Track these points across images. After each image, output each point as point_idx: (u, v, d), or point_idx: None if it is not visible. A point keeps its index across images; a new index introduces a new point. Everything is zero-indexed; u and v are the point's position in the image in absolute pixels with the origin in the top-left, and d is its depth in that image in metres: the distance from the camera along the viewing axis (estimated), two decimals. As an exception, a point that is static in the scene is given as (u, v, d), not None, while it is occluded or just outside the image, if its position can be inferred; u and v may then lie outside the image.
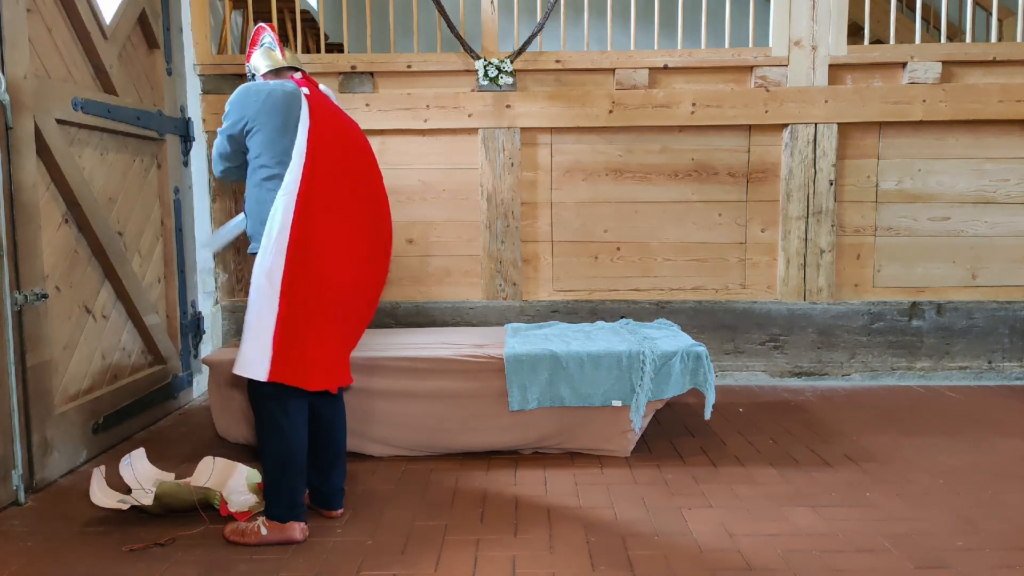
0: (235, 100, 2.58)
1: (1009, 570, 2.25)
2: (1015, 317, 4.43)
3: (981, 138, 4.37)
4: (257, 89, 2.57)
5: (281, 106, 2.52)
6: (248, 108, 2.54)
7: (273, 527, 2.45)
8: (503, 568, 2.29)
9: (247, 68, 2.84)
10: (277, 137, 2.51)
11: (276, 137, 2.51)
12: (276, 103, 2.53)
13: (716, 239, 4.49)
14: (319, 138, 2.45)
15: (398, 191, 4.48)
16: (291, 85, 2.59)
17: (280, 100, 2.53)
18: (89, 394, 3.30)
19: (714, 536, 2.49)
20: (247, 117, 2.54)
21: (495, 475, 3.07)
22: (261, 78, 2.75)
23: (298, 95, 2.55)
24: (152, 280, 3.85)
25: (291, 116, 2.51)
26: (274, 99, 2.53)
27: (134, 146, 3.69)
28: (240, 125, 2.56)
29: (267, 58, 2.76)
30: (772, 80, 4.34)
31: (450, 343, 3.47)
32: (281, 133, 2.51)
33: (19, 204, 2.82)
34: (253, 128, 2.53)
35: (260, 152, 2.53)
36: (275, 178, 2.48)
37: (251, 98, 2.55)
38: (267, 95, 2.54)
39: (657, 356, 3.19)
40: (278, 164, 2.49)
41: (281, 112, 2.52)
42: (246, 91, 2.58)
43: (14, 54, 2.80)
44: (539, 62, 4.35)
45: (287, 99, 2.54)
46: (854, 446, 3.36)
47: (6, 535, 2.55)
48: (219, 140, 2.65)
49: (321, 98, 2.58)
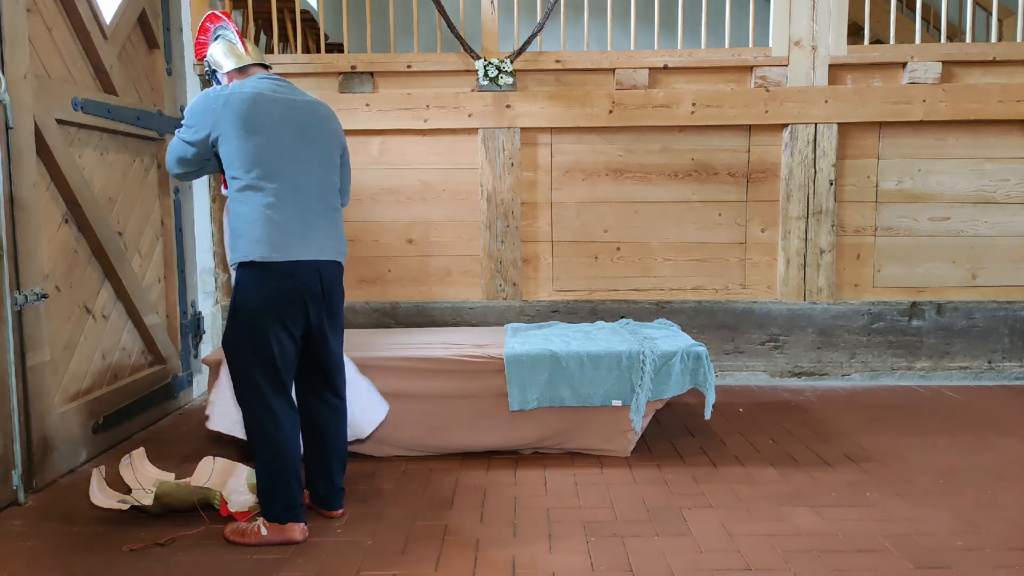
0: (196, 110, 2.43)
1: (1009, 570, 2.25)
2: (1015, 317, 4.43)
3: (981, 138, 4.37)
4: (215, 95, 2.42)
5: (242, 112, 2.37)
6: (207, 117, 2.40)
7: (273, 527, 2.45)
8: (503, 568, 2.29)
9: (206, 61, 2.69)
10: (243, 144, 2.37)
11: (242, 144, 2.37)
12: (236, 110, 2.37)
13: (716, 239, 4.49)
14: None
15: (398, 191, 4.48)
16: (249, 85, 2.44)
17: (240, 106, 2.38)
18: (89, 394, 3.30)
19: (714, 536, 2.49)
20: (208, 128, 2.40)
21: (495, 475, 3.07)
22: (224, 76, 2.62)
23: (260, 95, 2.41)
24: (152, 280, 3.85)
25: (255, 120, 2.38)
26: (233, 106, 2.38)
27: (134, 146, 3.69)
28: (203, 135, 2.42)
29: (231, 54, 2.61)
30: (772, 80, 4.34)
31: (450, 343, 3.47)
32: (245, 140, 2.37)
33: (19, 204, 2.82)
34: (219, 138, 2.40)
35: (229, 163, 2.40)
36: (248, 189, 2.38)
37: (210, 105, 2.40)
38: (224, 102, 2.39)
39: (657, 356, 3.19)
40: (246, 173, 2.38)
41: (243, 118, 2.37)
42: (205, 99, 2.43)
43: (14, 54, 2.80)
44: (539, 62, 4.35)
45: (250, 102, 2.39)
46: (854, 446, 3.36)
47: (6, 535, 2.55)
48: (177, 143, 2.48)
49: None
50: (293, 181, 2.43)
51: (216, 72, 2.68)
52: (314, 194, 2.49)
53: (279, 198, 2.40)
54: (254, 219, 2.38)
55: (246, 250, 2.39)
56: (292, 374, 2.51)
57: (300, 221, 2.43)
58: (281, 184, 2.40)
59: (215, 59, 2.66)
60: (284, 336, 2.43)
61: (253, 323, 2.40)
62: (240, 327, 2.42)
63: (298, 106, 2.50)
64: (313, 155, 2.50)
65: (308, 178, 2.47)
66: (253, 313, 2.39)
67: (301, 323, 2.46)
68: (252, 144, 2.37)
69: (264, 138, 2.39)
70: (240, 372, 2.45)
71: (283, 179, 2.41)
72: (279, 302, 2.40)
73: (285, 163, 2.42)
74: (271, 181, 2.39)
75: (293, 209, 2.42)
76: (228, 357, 2.47)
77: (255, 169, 2.38)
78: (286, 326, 2.42)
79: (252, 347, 2.41)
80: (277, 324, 2.40)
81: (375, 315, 4.46)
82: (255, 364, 2.42)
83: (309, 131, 2.50)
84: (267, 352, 2.40)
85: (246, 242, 2.39)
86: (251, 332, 2.40)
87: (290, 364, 2.48)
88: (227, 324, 2.46)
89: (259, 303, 2.39)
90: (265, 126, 2.39)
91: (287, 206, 2.41)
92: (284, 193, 2.41)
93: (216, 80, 2.70)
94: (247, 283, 2.41)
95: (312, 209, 2.47)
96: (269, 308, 2.39)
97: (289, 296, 2.41)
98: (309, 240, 2.44)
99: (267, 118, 2.40)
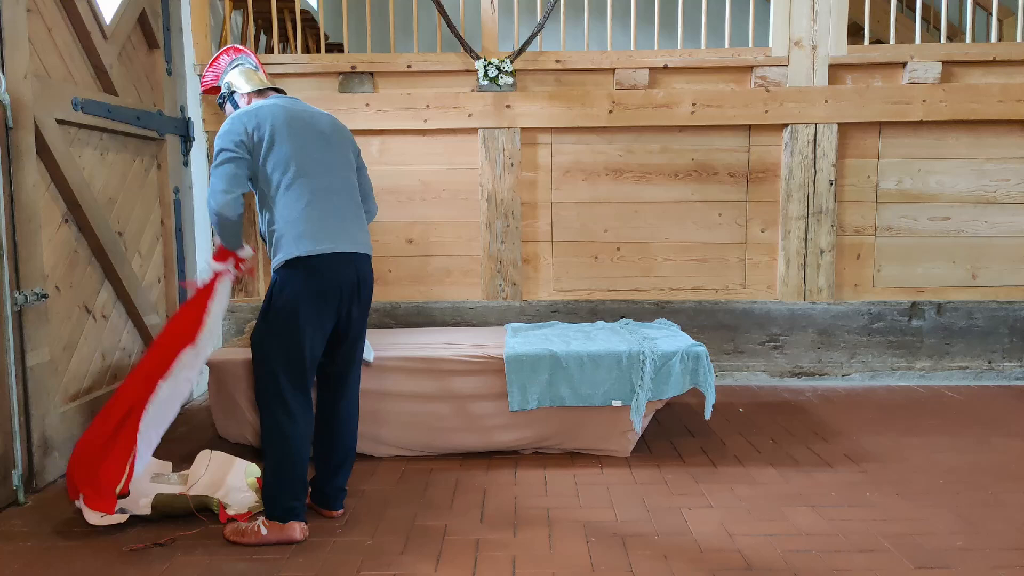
0: (230, 131, 2.49)
1: (1009, 570, 2.25)
2: (1015, 317, 4.43)
3: (981, 138, 4.37)
4: (243, 113, 2.52)
5: (273, 120, 2.49)
6: (241, 133, 2.47)
7: (273, 527, 2.45)
8: (503, 568, 2.29)
9: (222, 84, 2.77)
10: (279, 149, 2.48)
11: (278, 149, 2.48)
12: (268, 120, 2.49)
13: (716, 239, 4.49)
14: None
15: (398, 191, 4.48)
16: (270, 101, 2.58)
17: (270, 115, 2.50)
18: (89, 394, 3.30)
19: (714, 536, 2.49)
20: (247, 139, 2.48)
21: (495, 475, 3.07)
22: (243, 97, 2.72)
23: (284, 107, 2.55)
24: (152, 280, 3.86)
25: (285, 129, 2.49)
26: (263, 117, 2.49)
27: (134, 146, 3.69)
28: (244, 150, 2.47)
29: (251, 78, 2.75)
30: (772, 80, 4.34)
31: (450, 343, 3.46)
32: (280, 145, 2.48)
33: (19, 204, 2.82)
34: (256, 146, 2.48)
35: (269, 169, 2.48)
36: (287, 191, 2.47)
37: (243, 121, 2.49)
38: (255, 114, 2.50)
39: (657, 356, 3.19)
40: (283, 175, 2.48)
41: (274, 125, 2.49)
42: (234, 120, 2.51)
43: (14, 54, 2.80)
44: (539, 62, 4.35)
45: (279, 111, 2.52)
46: (854, 446, 3.36)
47: (6, 535, 2.55)
48: (220, 171, 2.48)
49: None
50: (326, 181, 2.55)
51: (234, 94, 2.76)
52: (343, 192, 2.60)
53: (316, 196, 2.50)
54: (294, 218, 2.47)
55: (289, 248, 2.45)
56: (314, 373, 2.58)
57: (336, 216, 2.54)
58: (317, 184, 2.52)
59: (235, 82, 2.77)
60: (317, 336, 2.50)
61: (288, 323, 2.45)
62: (273, 327, 2.48)
63: (316, 116, 2.65)
64: (337, 158, 2.62)
65: (337, 178, 2.59)
66: (290, 313, 2.45)
67: (334, 318, 2.53)
68: (286, 149, 2.49)
69: (296, 144, 2.51)
70: (264, 370, 2.49)
71: (317, 180, 2.53)
72: (319, 298, 2.46)
73: (316, 165, 2.54)
74: (308, 181, 2.50)
75: (328, 205, 2.53)
76: (255, 354, 2.52)
77: (291, 170, 2.48)
78: (322, 324, 2.49)
79: (283, 347, 2.46)
80: (312, 323, 2.47)
81: (375, 315, 4.46)
82: (282, 364, 2.46)
83: (331, 137, 2.63)
84: (297, 353, 2.46)
85: (288, 240, 2.46)
86: (285, 332, 2.46)
87: (315, 364, 2.55)
88: (259, 323, 2.53)
89: (298, 302, 2.44)
90: (294, 133, 2.52)
91: (323, 203, 2.51)
92: (319, 192, 2.52)
93: (233, 103, 2.78)
94: (287, 282, 2.46)
95: (344, 205, 2.58)
96: (307, 306, 2.45)
97: (329, 291, 2.48)
98: (346, 233, 2.55)
99: (295, 125, 2.53)
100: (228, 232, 2.55)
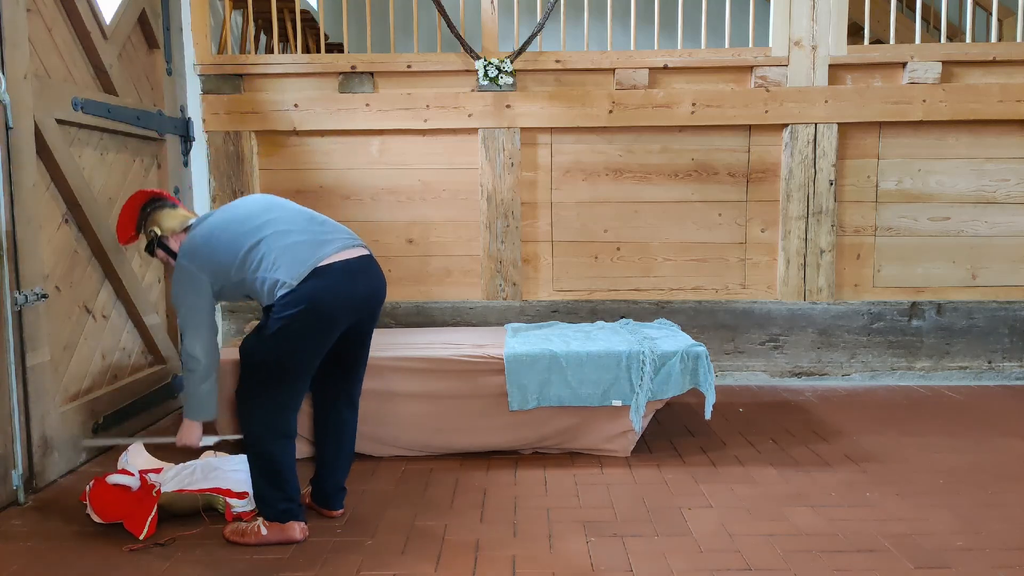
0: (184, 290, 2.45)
1: (1009, 570, 2.25)
2: (1015, 317, 4.43)
3: (981, 138, 4.37)
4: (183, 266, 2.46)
5: (210, 237, 2.47)
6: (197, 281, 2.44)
7: (273, 527, 2.45)
8: (503, 568, 2.29)
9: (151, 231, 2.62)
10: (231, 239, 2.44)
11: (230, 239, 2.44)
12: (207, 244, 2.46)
13: (716, 239, 4.49)
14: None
15: (398, 191, 4.48)
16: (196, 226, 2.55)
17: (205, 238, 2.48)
18: (89, 394, 3.30)
19: (714, 536, 2.49)
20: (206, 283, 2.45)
21: (495, 475, 3.07)
22: (173, 240, 2.61)
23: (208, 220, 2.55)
24: (152, 280, 3.86)
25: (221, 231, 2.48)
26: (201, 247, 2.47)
27: (134, 146, 3.69)
28: (206, 295, 2.46)
29: (175, 216, 2.65)
30: (772, 80, 4.34)
31: (450, 343, 3.47)
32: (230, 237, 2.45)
33: (19, 204, 2.82)
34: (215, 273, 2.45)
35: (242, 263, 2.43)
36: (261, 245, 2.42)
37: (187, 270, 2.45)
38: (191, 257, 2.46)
39: (657, 356, 3.19)
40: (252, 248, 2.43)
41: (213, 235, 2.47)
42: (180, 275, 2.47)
43: (14, 54, 2.80)
44: (539, 62, 4.35)
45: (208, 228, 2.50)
46: (854, 446, 3.36)
47: (6, 535, 2.55)
48: (196, 319, 2.46)
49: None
50: (287, 221, 2.49)
51: (163, 239, 2.62)
52: (312, 219, 2.55)
53: (287, 232, 2.44)
54: (280, 254, 2.39)
55: (287, 277, 2.35)
56: (307, 385, 2.51)
57: (317, 235, 2.47)
58: (279, 227, 2.45)
59: (165, 225, 2.62)
60: (316, 355, 2.42)
61: (290, 347, 2.36)
62: (271, 347, 2.37)
63: (249, 198, 2.62)
64: (287, 207, 2.57)
65: (298, 216, 2.54)
66: (293, 336, 2.35)
67: (340, 332, 2.45)
68: (235, 229, 2.44)
69: (239, 216, 2.49)
70: (252, 384, 2.43)
71: (277, 225, 2.46)
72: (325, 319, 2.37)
73: (270, 220, 2.47)
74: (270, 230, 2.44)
75: (305, 234, 2.46)
76: (246, 367, 2.43)
77: (253, 239, 2.42)
78: (323, 343, 2.41)
79: (280, 367, 2.38)
80: (314, 344, 2.38)
81: (375, 315, 4.46)
82: (274, 381, 2.40)
83: (272, 200, 2.60)
84: (293, 374, 2.41)
85: (285, 271, 2.36)
86: (284, 355, 2.37)
87: (309, 376, 2.48)
88: (255, 337, 2.41)
89: (303, 323, 2.33)
90: (234, 218, 2.49)
91: (299, 233, 2.45)
92: (287, 230, 2.45)
93: (164, 248, 2.64)
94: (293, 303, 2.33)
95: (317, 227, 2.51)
96: (315, 325, 2.35)
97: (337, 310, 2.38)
98: (336, 241, 2.47)
99: (229, 213, 2.52)
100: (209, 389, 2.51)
